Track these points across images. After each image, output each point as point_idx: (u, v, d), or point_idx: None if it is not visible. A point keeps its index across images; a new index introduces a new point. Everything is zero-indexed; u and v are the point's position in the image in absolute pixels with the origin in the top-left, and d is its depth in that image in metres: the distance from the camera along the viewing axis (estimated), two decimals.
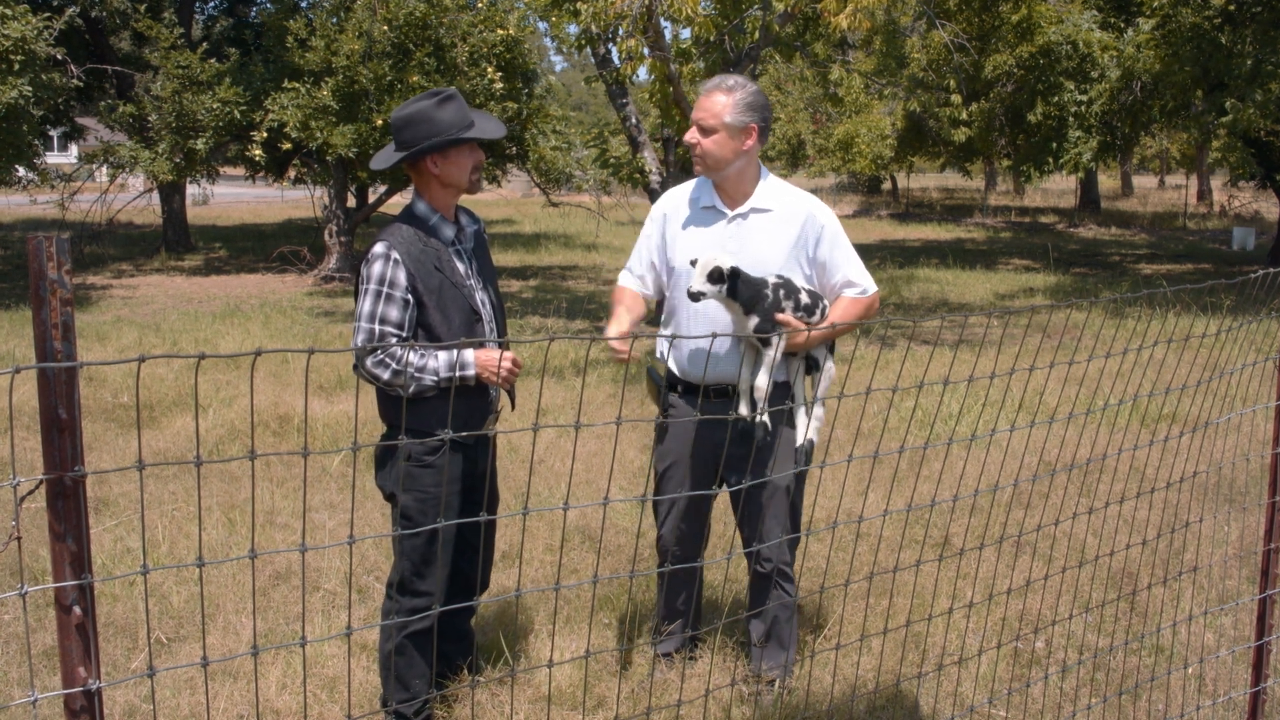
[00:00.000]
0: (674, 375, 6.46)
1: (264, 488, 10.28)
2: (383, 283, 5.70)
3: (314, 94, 24.53)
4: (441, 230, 5.96)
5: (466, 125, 5.89)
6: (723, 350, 6.16)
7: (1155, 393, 5.43)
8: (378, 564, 8.43)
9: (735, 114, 6.04)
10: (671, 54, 18.23)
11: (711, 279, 5.73)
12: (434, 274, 5.80)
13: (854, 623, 7.39)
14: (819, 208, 6.27)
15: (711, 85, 6.14)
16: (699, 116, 6.09)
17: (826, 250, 6.22)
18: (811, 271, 6.25)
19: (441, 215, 6.00)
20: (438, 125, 5.82)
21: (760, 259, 6.08)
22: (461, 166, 5.93)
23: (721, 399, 6.25)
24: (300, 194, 40.27)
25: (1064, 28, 33.13)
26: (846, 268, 6.27)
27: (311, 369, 14.89)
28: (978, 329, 20.02)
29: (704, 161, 6.13)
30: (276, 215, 51.76)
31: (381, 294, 5.69)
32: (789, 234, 6.18)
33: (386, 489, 6.04)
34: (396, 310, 5.69)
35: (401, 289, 5.70)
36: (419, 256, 5.79)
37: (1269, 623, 5.87)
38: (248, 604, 7.63)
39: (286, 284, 27.94)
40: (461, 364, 5.76)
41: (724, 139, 6.06)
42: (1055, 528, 8.70)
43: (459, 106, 5.91)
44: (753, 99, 6.10)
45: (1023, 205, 65.01)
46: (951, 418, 12.54)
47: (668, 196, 6.52)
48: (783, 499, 6.33)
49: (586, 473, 10.79)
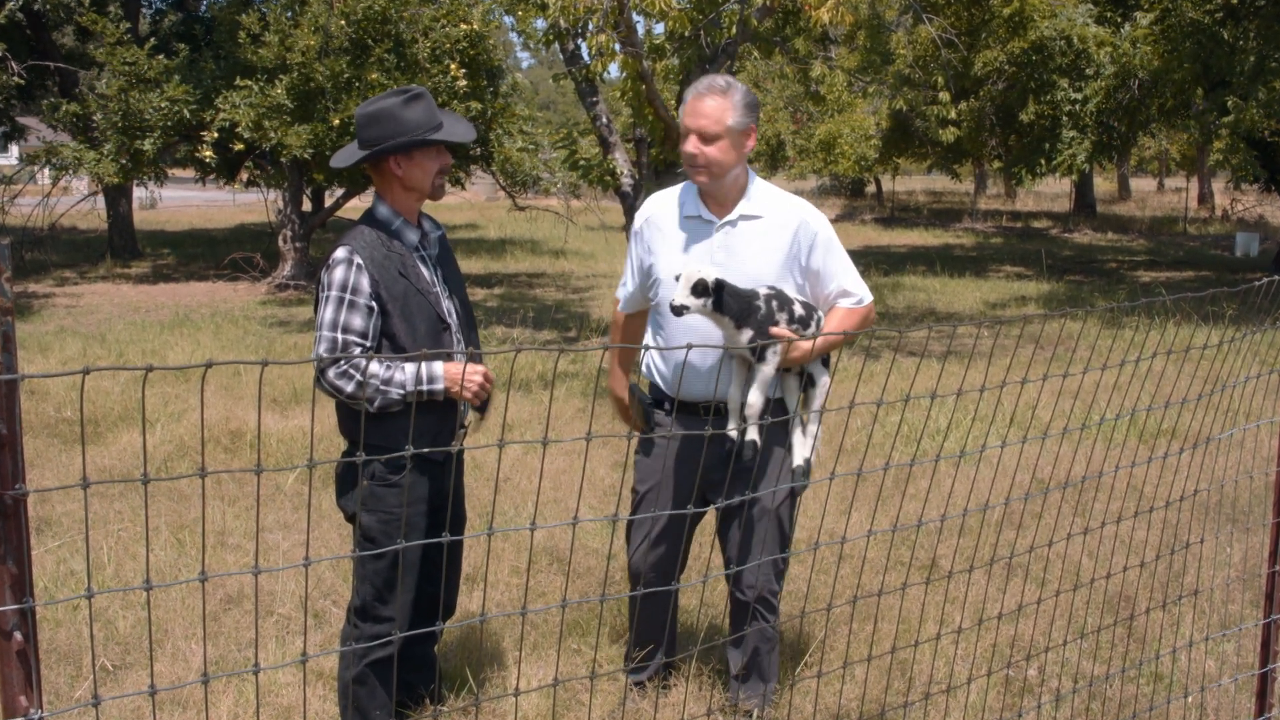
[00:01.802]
0: (660, 391, 6.40)
1: (215, 507, 10.27)
2: (345, 289, 5.63)
3: (268, 92, 24.49)
4: (405, 234, 5.91)
5: (434, 126, 5.84)
6: (706, 366, 6.10)
7: (1154, 407, 5.45)
8: (335, 587, 8.43)
9: (737, 116, 5.96)
10: (644, 50, 18.21)
11: (696, 292, 5.63)
12: (398, 280, 5.74)
13: (836, 649, 7.40)
14: (812, 214, 6.21)
15: (703, 88, 6.00)
16: (700, 124, 5.94)
17: (820, 258, 6.14)
18: (804, 281, 6.18)
19: (405, 219, 5.93)
20: (403, 124, 5.77)
21: (752, 269, 6.01)
22: (425, 170, 5.88)
23: (713, 418, 6.11)
24: (253, 197, 40.12)
25: (1058, 22, 33.20)
26: (842, 276, 6.21)
27: (265, 382, 14.87)
28: (967, 340, 20.06)
29: (709, 172, 5.99)
30: (228, 220, 51.69)
31: (344, 301, 5.62)
32: (781, 242, 6.10)
33: (348, 510, 5.95)
34: (360, 318, 5.62)
35: (365, 296, 5.64)
36: (382, 262, 5.72)
37: (1274, 649, 5.89)
38: (198, 629, 7.63)
39: (239, 292, 27.89)
40: (429, 378, 5.68)
41: (728, 145, 5.96)
42: (1048, 549, 8.72)
43: (427, 106, 5.86)
44: (750, 98, 6.05)
45: (1014, 209, 65.16)
46: (939, 433, 12.57)
47: (649, 204, 6.42)
48: (773, 523, 6.25)
49: (555, 491, 10.79)
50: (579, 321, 22.66)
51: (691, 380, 6.13)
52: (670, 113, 17.87)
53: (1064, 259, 38.37)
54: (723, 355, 6.02)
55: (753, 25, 18.52)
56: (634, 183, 19.62)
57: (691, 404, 6.18)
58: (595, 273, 31.65)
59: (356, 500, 5.82)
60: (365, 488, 5.77)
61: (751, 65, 40.74)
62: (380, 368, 5.64)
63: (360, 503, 5.80)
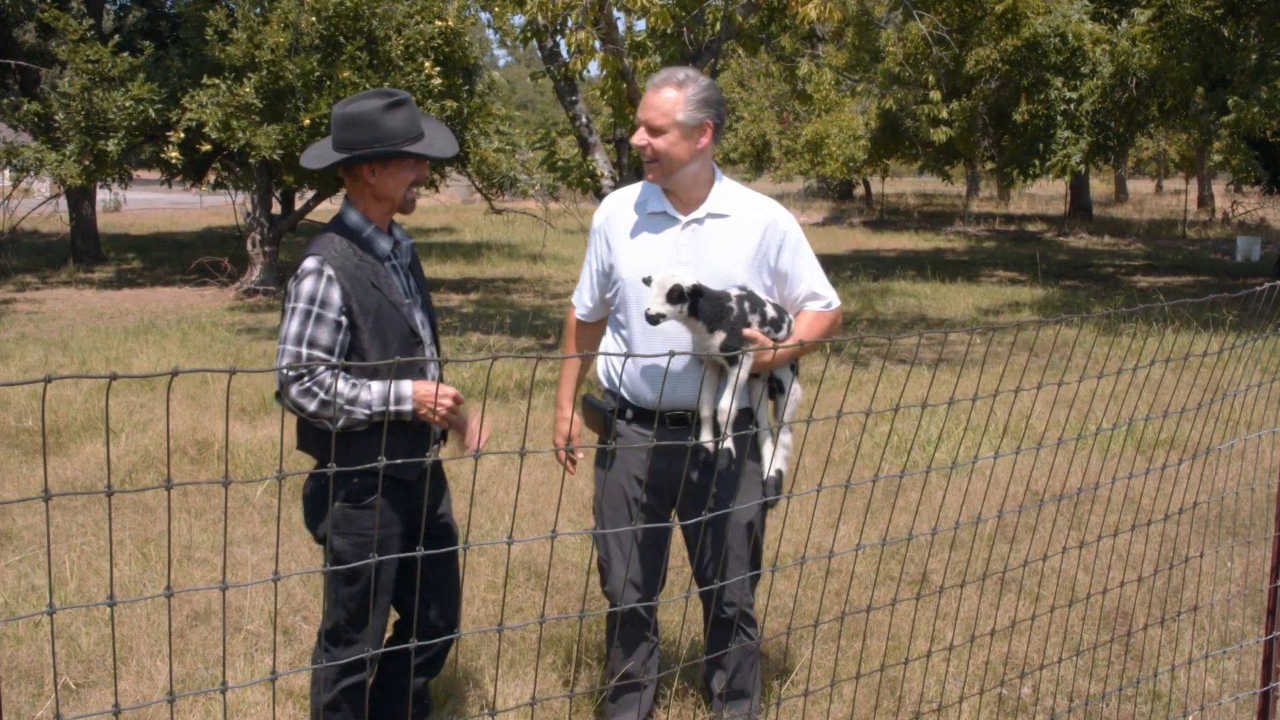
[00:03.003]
0: (623, 400, 6.27)
1: (181, 520, 10.26)
2: (313, 301, 5.47)
3: (235, 91, 24.43)
4: (377, 243, 5.75)
5: (414, 137, 5.70)
6: (676, 372, 6.01)
7: (1152, 416, 5.45)
8: (305, 603, 8.42)
9: (688, 110, 5.90)
10: (625, 47, 18.24)
11: (671, 298, 5.59)
12: (371, 292, 5.61)
13: (824, 667, 7.40)
14: (780, 213, 6.19)
15: (660, 80, 5.99)
16: (648, 116, 5.93)
17: (789, 259, 6.12)
18: (771, 283, 6.14)
19: (376, 227, 5.78)
20: (382, 132, 5.61)
21: (719, 270, 5.96)
22: (400, 180, 5.75)
23: (679, 426, 6.06)
24: (220, 200, 40.01)
25: (1052, 19, 33.29)
26: (810, 279, 6.19)
27: (233, 390, 14.85)
28: (959, 347, 20.09)
29: (659, 165, 5.96)
30: (195, 223, 51.63)
31: (311, 314, 5.47)
32: (749, 242, 6.06)
33: (319, 534, 5.86)
34: (327, 333, 5.48)
35: (335, 309, 5.49)
36: (354, 273, 5.58)
37: (1276, 666, 5.90)
38: (163, 646, 7.61)
39: (206, 298, 27.88)
40: (397, 397, 5.56)
41: (676, 138, 5.90)
42: (1043, 563, 8.69)
43: (410, 114, 5.70)
44: (706, 93, 5.98)
45: (1008, 212, 65.31)
46: (930, 444, 12.59)
47: (610, 201, 6.37)
48: (745, 537, 6.20)
49: (532, 504, 10.79)
50: (557, 328, 22.64)
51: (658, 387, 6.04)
52: None
53: (1059, 263, 38.44)
54: (691, 360, 5.97)
55: (737, 21, 18.55)
56: (615, 184, 19.60)
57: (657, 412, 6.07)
58: (574, 278, 31.00)
59: (328, 523, 5.71)
60: (336, 509, 5.66)
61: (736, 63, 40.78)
62: (346, 385, 5.53)
63: (331, 525, 5.68)
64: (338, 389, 5.46)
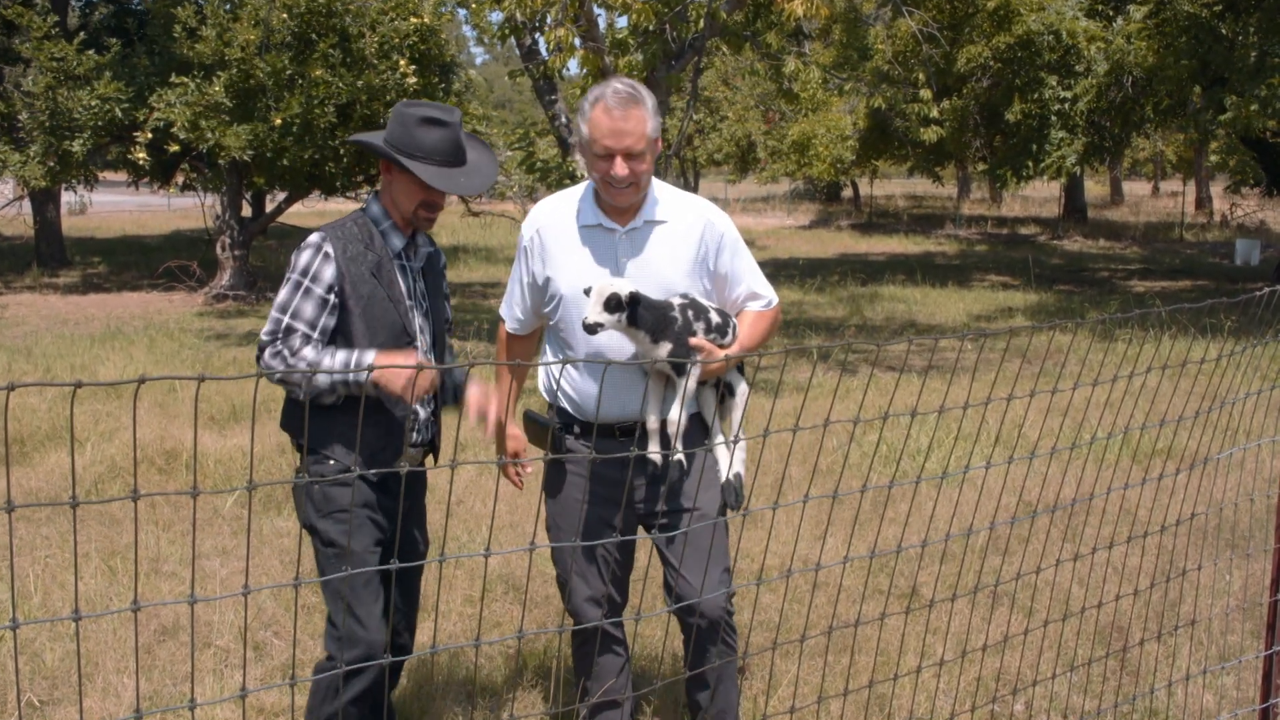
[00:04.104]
0: (566, 414, 6.23)
1: (149, 531, 10.24)
2: (305, 274, 5.65)
3: (205, 90, 24.45)
4: (390, 237, 5.88)
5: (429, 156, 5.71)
6: (625, 382, 5.95)
7: (1148, 425, 5.46)
8: (276, 617, 8.40)
9: (654, 122, 5.82)
10: (606, 45, 18.25)
11: (609, 307, 5.52)
12: (367, 280, 5.74)
13: (811, 683, 7.40)
14: (715, 213, 6.13)
15: (614, 102, 5.72)
16: (626, 143, 5.69)
17: (728, 260, 6.09)
18: (710, 286, 6.10)
19: (394, 224, 5.89)
20: (405, 138, 5.70)
21: (662, 278, 5.92)
22: (406, 193, 5.81)
23: (628, 438, 5.98)
24: (189, 202, 39.93)
25: (1046, 16, 33.40)
26: (749, 278, 6.18)
27: (202, 399, 14.83)
28: (949, 354, 20.11)
29: (634, 188, 5.81)
30: (163, 226, 51.56)
31: (301, 286, 5.64)
32: (689, 247, 6.00)
33: (304, 521, 5.85)
34: (312, 307, 5.63)
35: (324, 286, 5.65)
36: (355, 256, 5.73)
37: (1275, 682, 5.91)
38: (130, 662, 7.60)
39: (174, 303, 27.84)
40: (358, 364, 5.59)
41: (651, 157, 5.82)
42: (1036, 576, 8.73)
43: (445, 138, 5.74)
44: (654, 99, 5.90)
45: (1000, 215, 65.41)
46: (920, 453, 12.58)
47: (538, 214, 6.18)
48: (720, 536, 6.13)
49: (510, 515, 10.78)
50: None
51: (607, 400, 5.98)
52: None
53: (1053, 268, 38.50)
54: (636, 370, 5.91)
55: (721, 19, 18.56)
56: None
57: (606, 426, 6.04)
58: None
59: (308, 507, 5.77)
60: (316, 491, 5.72)
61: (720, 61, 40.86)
62: (312, 351, 5.60)
63: (312, 509, 5.74)
64: (303, 354, 5.57)
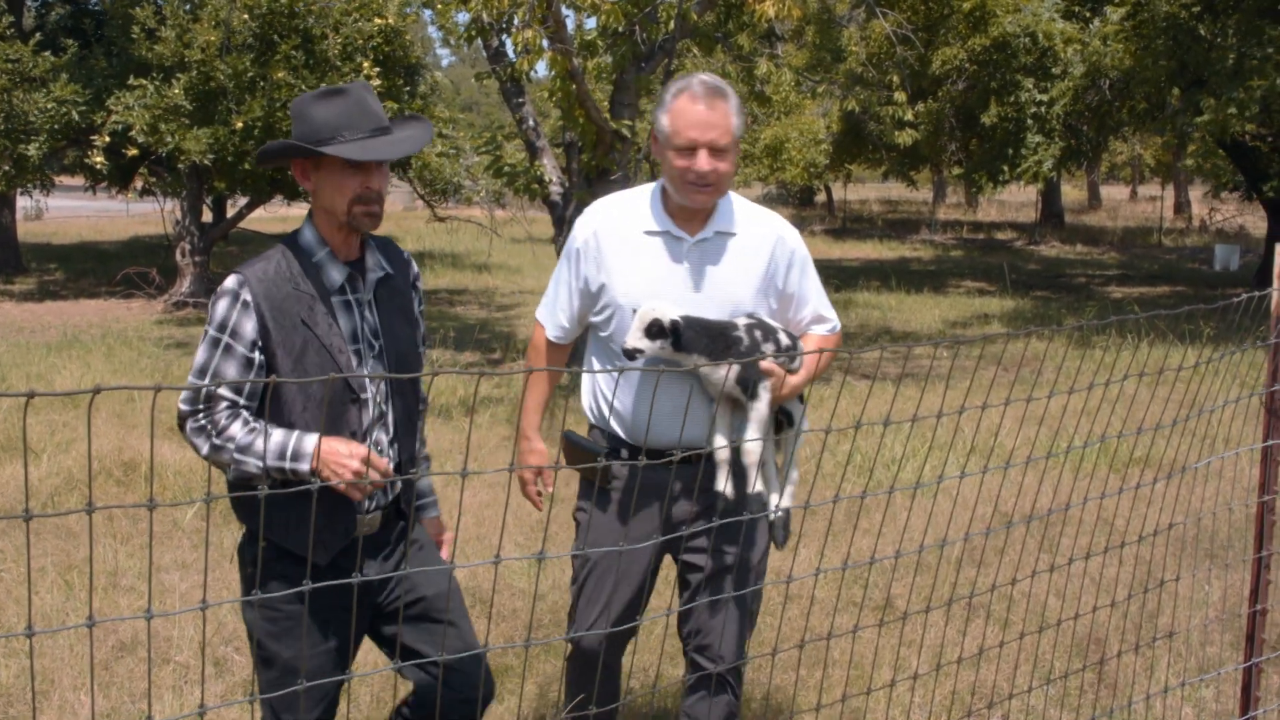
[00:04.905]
0: (616, 439, 5.77)
1: (107, 545, 10.19)
2: (223, 329, 4.82)
3: (164, 92, 24.38)
4: (326, 271, 5.01)
5: (340, 132, 4.86)
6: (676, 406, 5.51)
7: (1126, 433, 5.45)
8: (236, 632, 8.37)
9: (740, 119, 5.43)
10: (575, 47, 18.23)
11: (650, 333, 5.18)
12: (297, 329, 4.88)
13: (783, 696, 7.39)
14: (787, 229, 5.77)
15: (700, 92, 5.37)
16: (710, 136, 5.33)
17: (797, 279, 5.74)
18: (776, 305, 5.72)
19: (331, 251, 5.02)
20: (306, 125, 4.89)
21: (731, 294, 5.56)
22: (336, 188, 4.92)
23: (687, 465, 5.55)
24: (148, 207, 39.78)
25: (1022, 18, 33.44)
26: (816, 299, 5.84)
27: (161, 409, 14.77)
28: (924, 361, 20.12)
29: (713, 189, 5.43)
30: (121, 231, 51.42)
31: (219, 344, 4.83)
32: (759, 262, 5.63)
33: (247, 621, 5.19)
34: (234, 369, 4.82)
35: (246, 342, 4.82)
36: (281, 303, 4.86)
37: (1254, 695, 5.91)
38: (87, 679, 7.56)
39: (133, 311, 27.75)
40: (295, 453, 4.76)
41: (733, 159, 5.47)
42: (1012, 588, 8.74)
43: (349, 106, 4.92)
44: (737, 99, 5.46)
45: (976, 220, 65.60)
46: (894, 462, 12.59)
47: (596, 215, 5.74)
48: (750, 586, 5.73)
49: (477, 527, 10.76)
50: (504, 342, 22.62)
51: (664, 423, 5.52)
52: (603, 115, 17.86)
53: (1029, 273, 38.58)
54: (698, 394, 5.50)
55: (692, 20, 18.54)
56: (563, 191, 19.60)
57: (660, 452, 5.54)
58: (521, 289, 31.57)
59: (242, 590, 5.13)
60: (248, 575, 5.07)
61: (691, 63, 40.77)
62: (241, 430, 4.80)
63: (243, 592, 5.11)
64: (231, 433, 4.81)
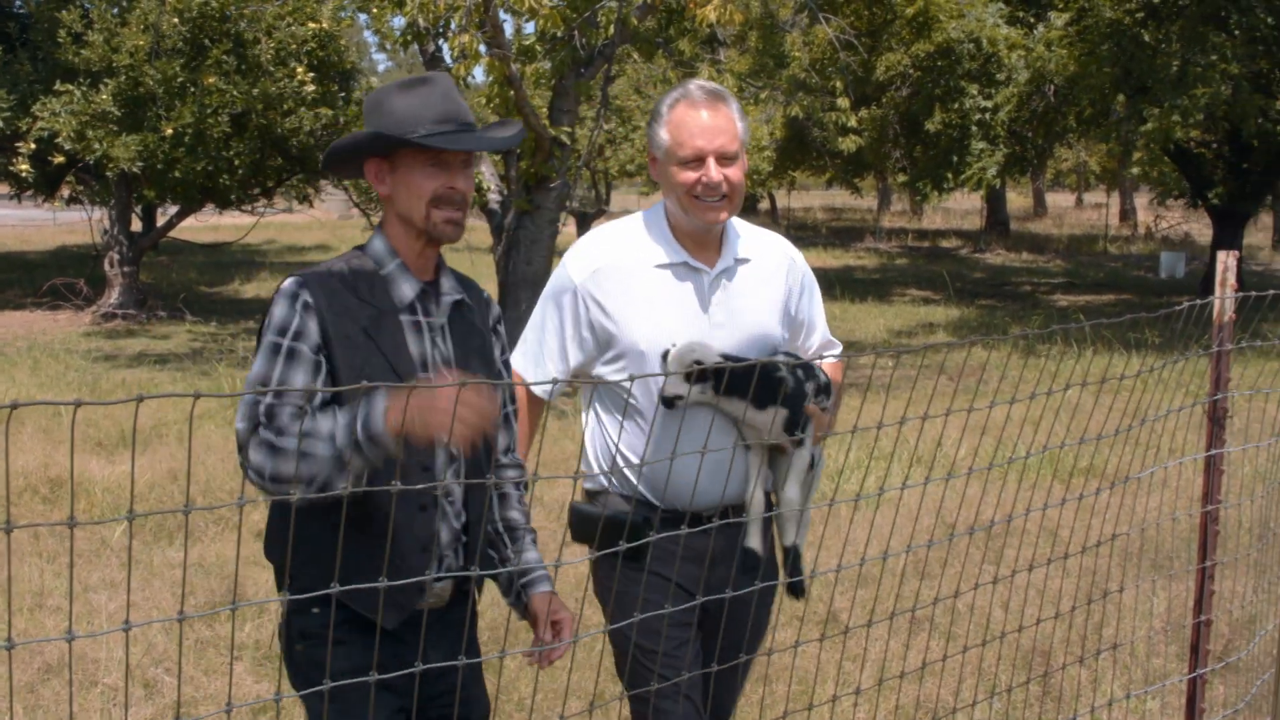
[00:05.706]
0: (649, 505, 5.05)
1: (32, 564, 10.14)
2: (284, 333, 4.15)
3: (91, 98, 24.27)
4: (397, 284, 4.40)
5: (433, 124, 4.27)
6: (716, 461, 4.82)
7: (1070, 442, 5.49)
8: (167, 653, 8.33)
9: (745, 125, 4.99)
10: (513, 52, 18.23)
11: (692, 378, 4.70)
12: (360, 343, 4.26)
13: None
14: (794, 251, 5.40)
15: (704, 94, 4.91)
16: (721, 142, 4.85)
17: (807, 305, 5.39)
18: (788, 334, 5.31)
19: (403, 264, 4.43)
20: (385, 117, 4.31)
21: (759, 328, 5.12)
22: (414, 188, 4.32)
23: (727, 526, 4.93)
24: (76, 216, 39.54)
25: (966, 23, 33.51)
26: (822, 325, 5.53)
27: (90, 423, 14.72)
28: (867, 370, 20.16)
29: (727, 202, 4.91)
30: (48, 241, 51.15)
31: (280, 349, 4.15)
32: (777, 290, 5.23)
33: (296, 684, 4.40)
34: (302, 374, 4.15)
35: (311, 344, 4.17)
36: (345, 310, 4.25)
37: (1200, 706, 5.95)
38: (8, 703, 7.53)
39: (59, 322, 27.62)
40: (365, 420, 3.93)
41: (743, 168, 4.97)
42: (957, 600, 8.75)
43: (432, 94, 4.32)
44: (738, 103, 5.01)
45: (921, 227, 65.82)
46: (836, 474, 12.61)
47: (594, 249, 5.13)
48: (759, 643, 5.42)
49: None
50: None
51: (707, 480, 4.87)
52: (542, 121, 17.86)
53: (975, 281, 38.73)
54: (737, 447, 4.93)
55: (632, 25, 18.55)
56: (502, 199, 19.61)
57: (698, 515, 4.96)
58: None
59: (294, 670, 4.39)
60: (299, 652, 4.35)
61: (631, 69, 40.86)
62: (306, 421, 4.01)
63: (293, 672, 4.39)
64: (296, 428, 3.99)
